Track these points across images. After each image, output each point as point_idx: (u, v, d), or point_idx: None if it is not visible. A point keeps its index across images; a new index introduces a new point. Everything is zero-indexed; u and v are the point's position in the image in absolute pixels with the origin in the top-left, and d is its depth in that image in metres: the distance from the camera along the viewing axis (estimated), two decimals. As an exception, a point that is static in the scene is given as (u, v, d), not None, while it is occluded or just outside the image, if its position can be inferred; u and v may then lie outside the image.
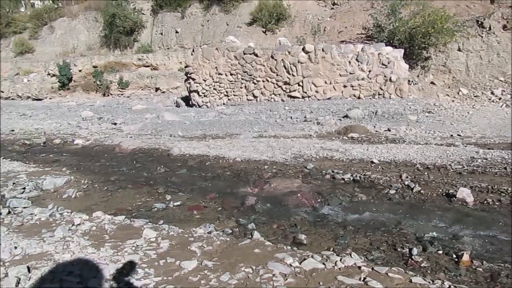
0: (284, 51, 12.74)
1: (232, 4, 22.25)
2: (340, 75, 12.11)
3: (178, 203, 3.74)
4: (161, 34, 23.97)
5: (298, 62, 12.45)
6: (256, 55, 13.00)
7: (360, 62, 11.90)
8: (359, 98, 11.87)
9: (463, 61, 12.47)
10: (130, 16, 23.82)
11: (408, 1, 13.58)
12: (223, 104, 13.69)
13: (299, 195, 3.85)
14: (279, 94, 12.95)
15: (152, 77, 20.58)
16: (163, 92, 19.95)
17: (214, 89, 13.84)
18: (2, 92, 23.07)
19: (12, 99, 22.38)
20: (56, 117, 12.83)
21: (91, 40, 25.54)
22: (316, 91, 12.42)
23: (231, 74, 13.51)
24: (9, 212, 3.50)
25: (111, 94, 20.51)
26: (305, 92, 12.51)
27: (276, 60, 12.75)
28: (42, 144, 8.27)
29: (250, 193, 4.04)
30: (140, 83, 20.69)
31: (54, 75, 21.83)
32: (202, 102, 14.01)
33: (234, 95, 13.67)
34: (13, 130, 10.55)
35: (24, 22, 27.96)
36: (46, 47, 26.22)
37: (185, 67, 14.65)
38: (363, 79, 11.88)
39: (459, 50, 12.54)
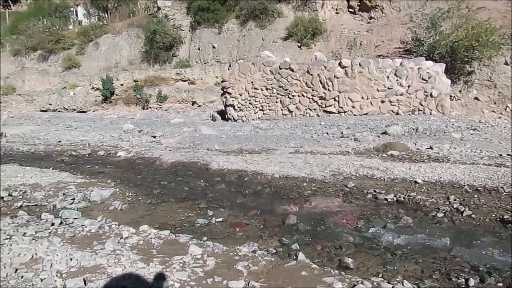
0: (320, 66, 12.72)
1: (268, 19, 22.59)
2: (378, 90, 11.89)
3: (220, 219, 3.78)
4: (199, 49, 24.67)
5: (334, 77, 12.37)
6: (292, 70, 13.06)
7: (399, 77, 11.64)
8: (397, 114, 11.57)
9: (510, 75, 11.87)
10: (170, 32, 24.73)
11: (450, 14, 13.20)
12: (258, 118, 13.79)
13: (341, 215, 3.78)
14: (315, 109, 12.89)
15: (189, 91, 21.16)
16: (200, 106, 20.42)
17: (249, 103, 14.00)
18: (50, 104, 24.52)
19: (59, 111, 23.71)
20: (99, 129, 13.43)
21: (132, 56, 26.72)
22: (353, 107, 12.25)
23: (267, 89, 13.62)
24: (61, 223, 3.67)
25: (150, 108, 21.25)
26: (341, 107, 12.37)
27: (312, 75, 12.74)
28: (87, 155, 8.66)
29: (290, 211, 4.01)
30: (177, 97, 21.32)
31: (97, 89, 22.97)
32: (238, 116, 14.18)
33: (269, 110, 13.74)
34: (60, 141, 11.15)
35: (72, 39, 29.74)
36: (91, 62, 27.70)
37: (222, 81, 14.95)
38: (402, 94, 11.59)
39: (506, 64, 11.98)
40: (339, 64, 12.45)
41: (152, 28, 24.61)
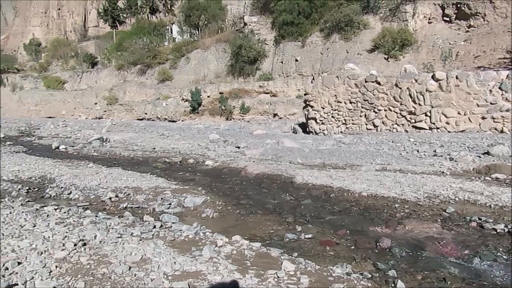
0: (410, 79, 12.03)
1: (353, 31, 22.18)
2: (478, 105, 10.82)
3: (309, 235, 3.75)
4: (282, 62, 25.17)
5: (426, 90, 11.58)
6: (379, 83, 12.55)
7: (505, 91, 10.46)
8: (501, 132, 10.38)
9: None
10: (254, 46, 25.69)
11: None
12: (341, 132, 13.48)
13: (441, 242, 3.47)
14: (403, 125, 12.18)
15: (271, 103, 21.63)
16: (281, 118, 20.71)
17: (332, 117, 13.78)
18: (146, 113, 27.02)
19: (153, 120, 25.97)
20: (188, 138, 14.35)
21: (219, 69, 28.28)
22: (447, 123, 11.31)
23: (351, 102, 13.29)
24: (161, 226, 3.98)
25: (233, 118, 22.17)
26: (433, 123, 11.50)
27: (400, 88, 12.10)
28: (178, 162, 9.31)
29: (383, 234, 3.81)
30: (259, 108, 21.93)
31: (187, 100, 24.72)
32: (320, 129, 14.04)
33: (353, 124, 13.35)
34: (154, 148, 12.16)
35: (166, 54, 32.58)
36: (182, 76, 29.97)
37: (304, 94, 14.98)
38: (507, 110, 10.39)
39: None
40: (432, 76, 11.63)
41: (238, 43, 25.81)
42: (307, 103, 14.35)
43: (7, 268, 2.53)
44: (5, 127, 21.96)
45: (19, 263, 2.61)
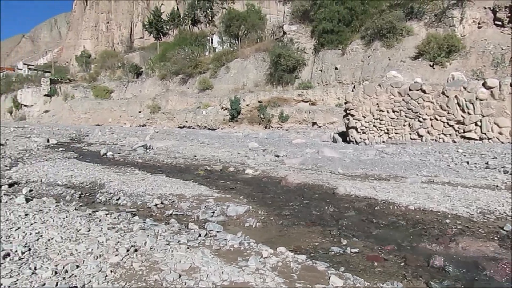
0: (458, 86, 11.51)
1: (395, 38, 21.61)
2: (536, 114, 10.12)
3: (356, 250, 3.66)
4: (321, 70, 24.99)
5: (476, 99, 11.02)
6: (424, 91, 12.11)
7: None
8: None
9: None
10: (294, 55, 25.73)
11: None
12: (383, 142, 13.10)
13: (501, 263, 3.25)
14: (450, 134, 11.64)
15: (309, 112, 21.49)
16: (320, 127, 20.50)
17: (373, 126, 13.44)
18: (186, 121, 27.79)
19: (193, 128, 26.63)
20: (228, 146, 14.54)
21: (258, 78, 28.56)
22: (500, 133, 10.68)
23: (394, 111, 12.90)
24: (206, 234, 4.05)
25: (272, 127, 22.24)
26: (484, 133, 10.90)
27: (448, 96, 11.60)
28: (219, 171, 9.45)
29: (434, 251, 3.64)
30: (298, 117, 21.85)
31: (226, 109, 25.16)
32: (360, 139, 13.73)
33: (396, 133, 12.94)
34: (195, 156, 12.43)
35: (207, 64, 33.45)
36: (222, 85, 30.57)
37: (345, 103, 14.74)
38: None
39: None
40: (483, 84, 11.06)
41: (277, 51, 25.98)
42: (348, 111, 14.11)
43: (67, 271, 2.69)
44: (58, 134, 23.43)
45: (77, 266, 2.76)
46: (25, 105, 51.06)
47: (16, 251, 2.98)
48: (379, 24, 21.84)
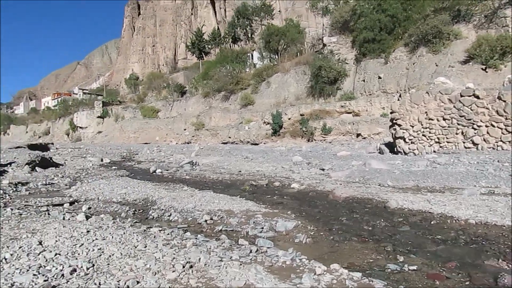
0: (516, 90, 10.76)
1: (442, 43, 20.75)
2: None
3: (414, 267, 3.49)
4: (363, 81, 24.49)
5: (538, 102, 10.22)
6: (477, 97, 11.45)
7: None
8: None
9: None
10: (334, 66, 25.48)
11: None
12: (434, 151, 12.48)
13: None
14: (509, 142, 10.86)
15: (353, 123, 21.04)
16: (364, 138, 19.98)
17: (423, 135, 12.87)
18: (229, 137, 28.27)
19: (236, 143, 27.03)
20: (272, 161, 14.58)
21: (299, 91, 28.55)
22: None
23: (444, 119, 12.29)
24: (256, 250, 4.06)
25: (315, 140, 22.00)
26: (550, 139, 10.04)
27: (504, 101, 10.89)
28: (265, 185, 9.48)
29: (502, 269, 3.38)
30: (341, 129, 21.46)
31: (268, 123, 25.31)
32: (409, 149, 13.19)
33: (447, 142, 12.29)
34: (240, 171, 12.58)
35: (248, 80, 34.03)
36: (263, 99, 30.89)
37: (391, 112, 14.29)
38: None
39: None
40: (545, 86, 10.25)
41: (317, 64, 25.89)
42: (394, 121, 13.64)
43: (128, 286, 2.81)
44: (110, 153, 24.82)
45: (137, 282, 2.88)
46: (80, 127, 54.83)
47: (82, 266, 3.17)
48: (424, 29, 21.11)
